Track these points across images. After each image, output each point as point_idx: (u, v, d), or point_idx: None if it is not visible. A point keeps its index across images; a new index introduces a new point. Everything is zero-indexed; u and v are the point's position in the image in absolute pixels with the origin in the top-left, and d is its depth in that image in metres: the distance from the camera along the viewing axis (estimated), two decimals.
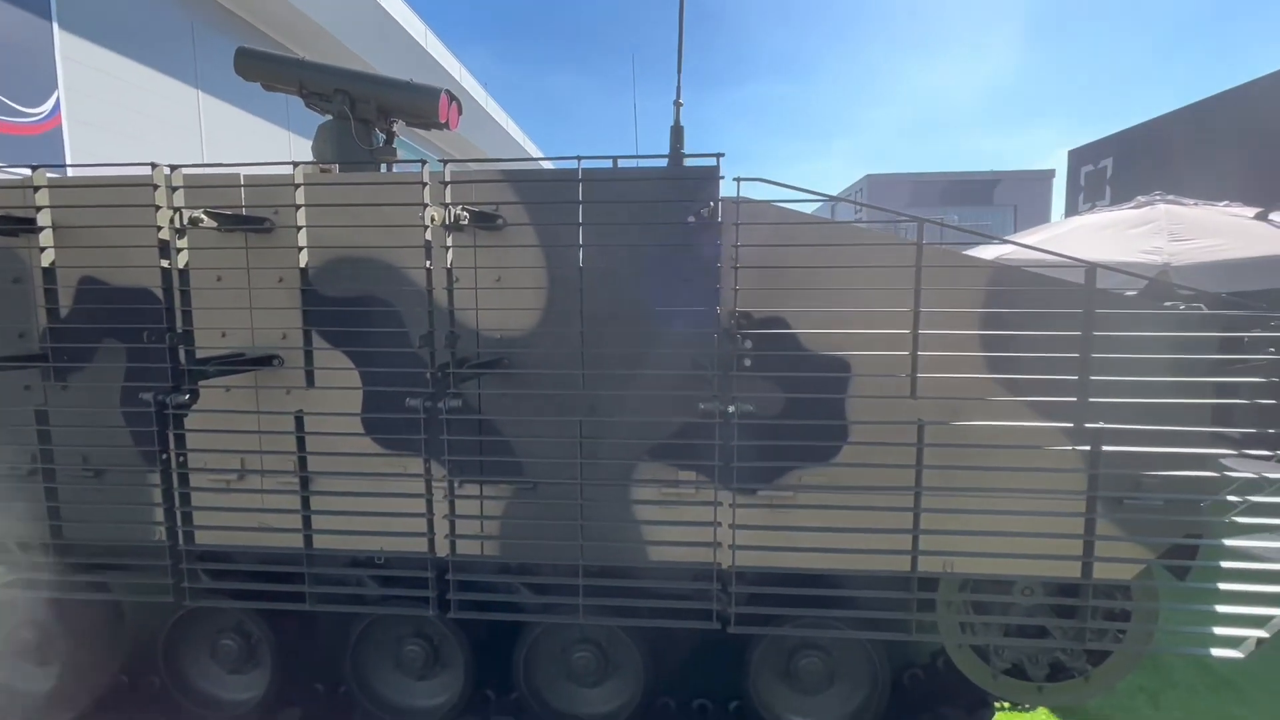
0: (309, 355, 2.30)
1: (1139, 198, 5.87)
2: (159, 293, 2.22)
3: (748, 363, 2.24)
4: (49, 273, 2.27)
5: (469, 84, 22.68)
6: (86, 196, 2.31)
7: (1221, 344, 2.06)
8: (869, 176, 26.72)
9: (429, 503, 2.14)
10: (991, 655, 2.48)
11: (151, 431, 2.07)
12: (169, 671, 2.75)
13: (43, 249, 2.25)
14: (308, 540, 2.28)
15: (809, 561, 2.19)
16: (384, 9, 15.64)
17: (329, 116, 3.11)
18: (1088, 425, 2.07)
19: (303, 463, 2.28)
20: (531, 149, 28.53)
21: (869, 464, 2.16)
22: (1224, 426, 2.16)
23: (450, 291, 2.11)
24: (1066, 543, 2.14)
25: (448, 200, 2.03)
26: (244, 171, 2.38)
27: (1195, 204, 5.42)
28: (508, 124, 25.99)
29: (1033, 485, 2.11)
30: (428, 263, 2.05)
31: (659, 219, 2.13)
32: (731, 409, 1.95)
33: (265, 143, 14.07)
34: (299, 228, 2.24)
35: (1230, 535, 2.09)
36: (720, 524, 2.04)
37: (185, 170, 2.25)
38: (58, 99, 12.18)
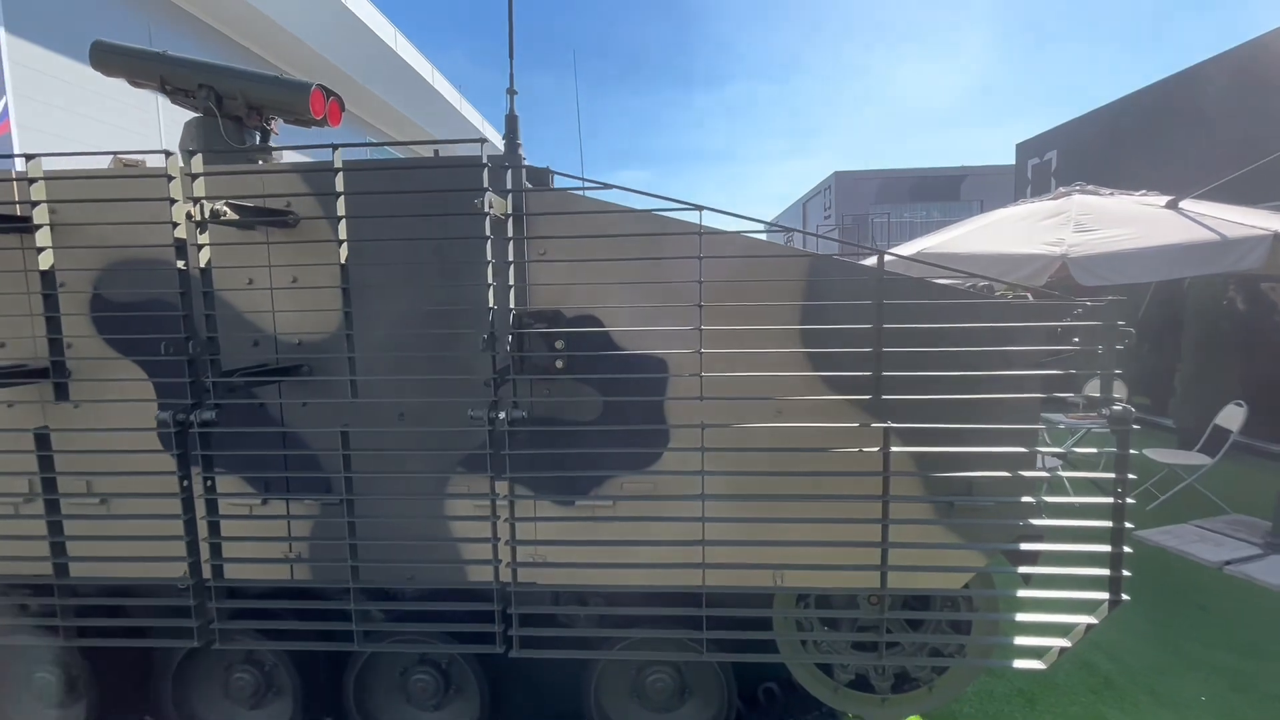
0: None
1: (1060, 189, 5.74)
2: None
3: (559, 364, 2.05)
4: (47, 276, 1.97)
5: (441, 86, 22.35)
6: (91, 190, 2.05)
7: (1037, 334, 1.87)
8: (837, 174, 26.28)
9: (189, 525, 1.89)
10: (835, 669, 2.31)
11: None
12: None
13: (40, 249, 1.95)
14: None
15: (612, 579, 1.99)
16: (350, 11, 15.31)
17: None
18: (892, 425, 1.89)
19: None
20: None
21: (679, 471, 1.96)
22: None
23: (207, 294, 1.87)
24: (899, 551, 1.96)
25: (198, 194, 1.81)
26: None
27: (1111, 193, 5.29)
28: (484, 126, 25.68)
29: (858, 490, 1.92)
30: (180, 263, 1.83)
31: (435, 210, 1.91)
32: (503, 414, 1.75)
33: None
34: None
35: (1059, 539, 1.92)
36: (500, 539, 1.82)
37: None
38: (5, 104, 11.84)
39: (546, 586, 2.06)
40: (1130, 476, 1.71)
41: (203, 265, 1.83)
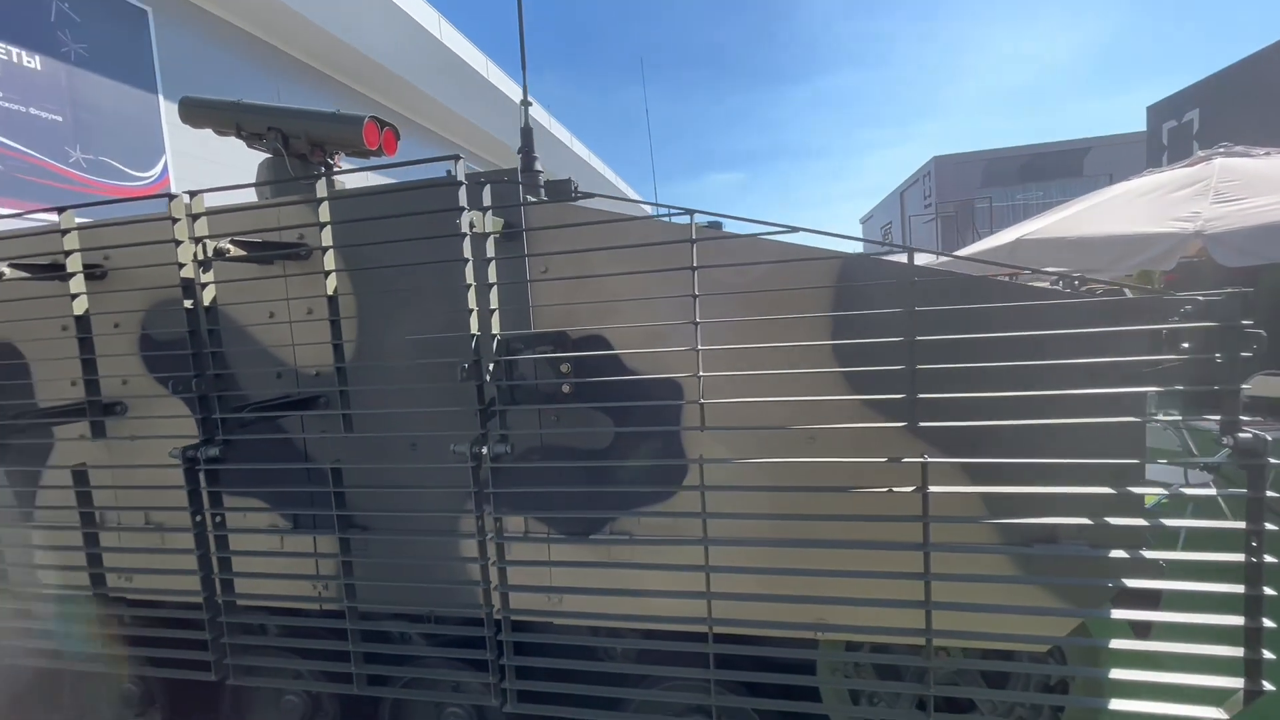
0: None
1: (1198, 153, 4.83)
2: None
3: (566, 389, 1.86)
4: (82, 320, 2.05)
5: (534, 111, 23.12)
6: (118, 236, 2.15)
7: (1134, 341, 1.44)
8: (936, 159, 24.08)
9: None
10: None
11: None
12: None
13: (74, 296, 2.03)
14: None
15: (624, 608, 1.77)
16: (446, 46, 16.30)
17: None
18: (930, 459, 1.52)
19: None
20: (596, 164, 28.79)
21: (686, 513, 1.70)
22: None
23: (213, 332, 1.85)
24: (969, 597, 1.59)
25: (197, 234, 1.81)
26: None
27: (1266, 153, 4.36)
28: (572, 143, 26.34)
29: (900, 535, 1.57)
30: (188, 301, 1.83)
31: (422, 233, 1.78)
32: (484, 450, 1.58)
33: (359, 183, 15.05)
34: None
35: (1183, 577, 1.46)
36: (491, 581, 1.65)
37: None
38: (165, 163, 13.55)
39: (538, 636, 1.85)
40: (1269, 527, 1.26)
41: (207, 303, 1.83)
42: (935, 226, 19.68)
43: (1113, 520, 1.43)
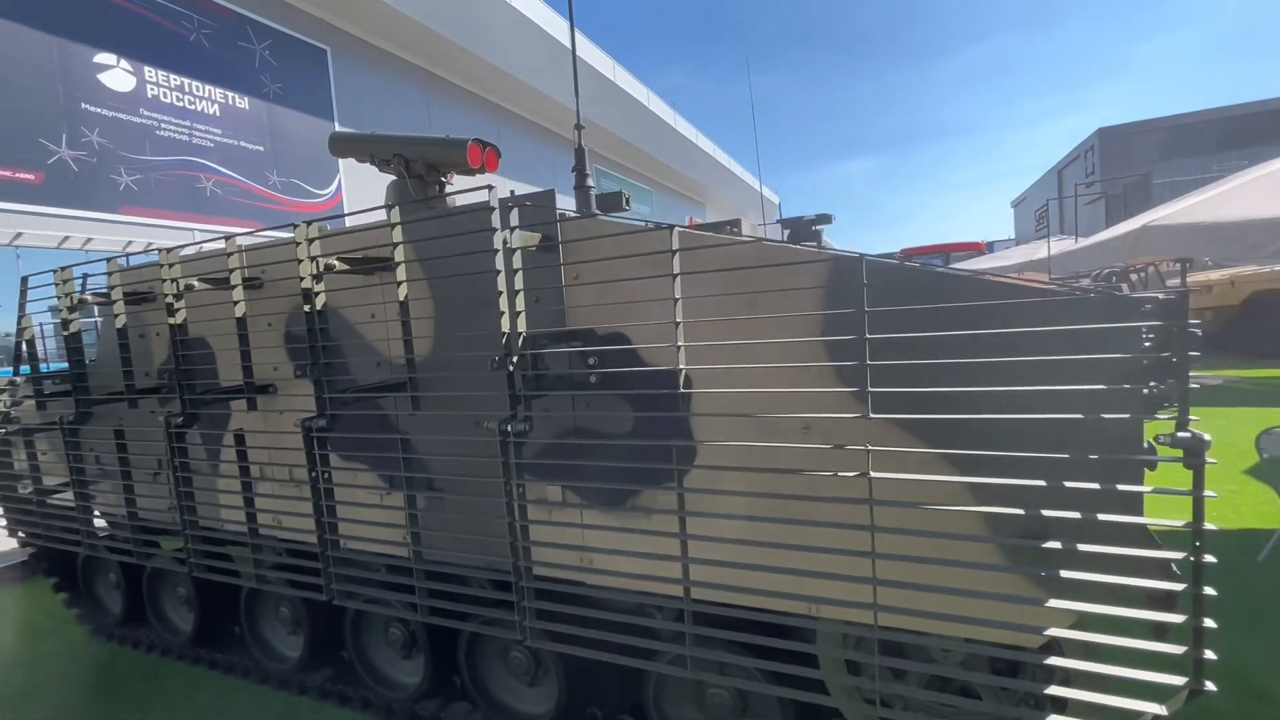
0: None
1: None
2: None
3: (593, 379, 2.17)
4: (241, 320, 2.64)
5: (657, 107, 23.72)
6: (266, 256, 2.76)
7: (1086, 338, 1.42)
8: (1101, 131, 20.94)
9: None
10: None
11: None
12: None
13: (235, 302, 2.63)
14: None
15: (621, 583, 2.04)
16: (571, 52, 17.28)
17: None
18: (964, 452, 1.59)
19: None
20: (720, 157, 28.72)
21: (703, 489, 1.92)
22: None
23: (324, 330, 2.38)
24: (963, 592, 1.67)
25: (314, 254, 2.34)
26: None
27: None
28: (698, 139, 26.56)
29: (899, 522, 1.69)
30: (306, 306, 2.36)
31: (469, 249, 2.14)
32: (509, 428, 1.92)
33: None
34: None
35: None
36: (520, 539, 2.00)
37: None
38: (339, 181, 15.72)
39: (559, 582, 2.17)
40: (1208, 527, 1.23)
41: (320, 307, 2.36)
42: (1099, 207, 17.34)
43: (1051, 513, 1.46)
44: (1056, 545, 1.46)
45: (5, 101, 11.64)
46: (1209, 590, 1.30)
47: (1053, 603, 1.47)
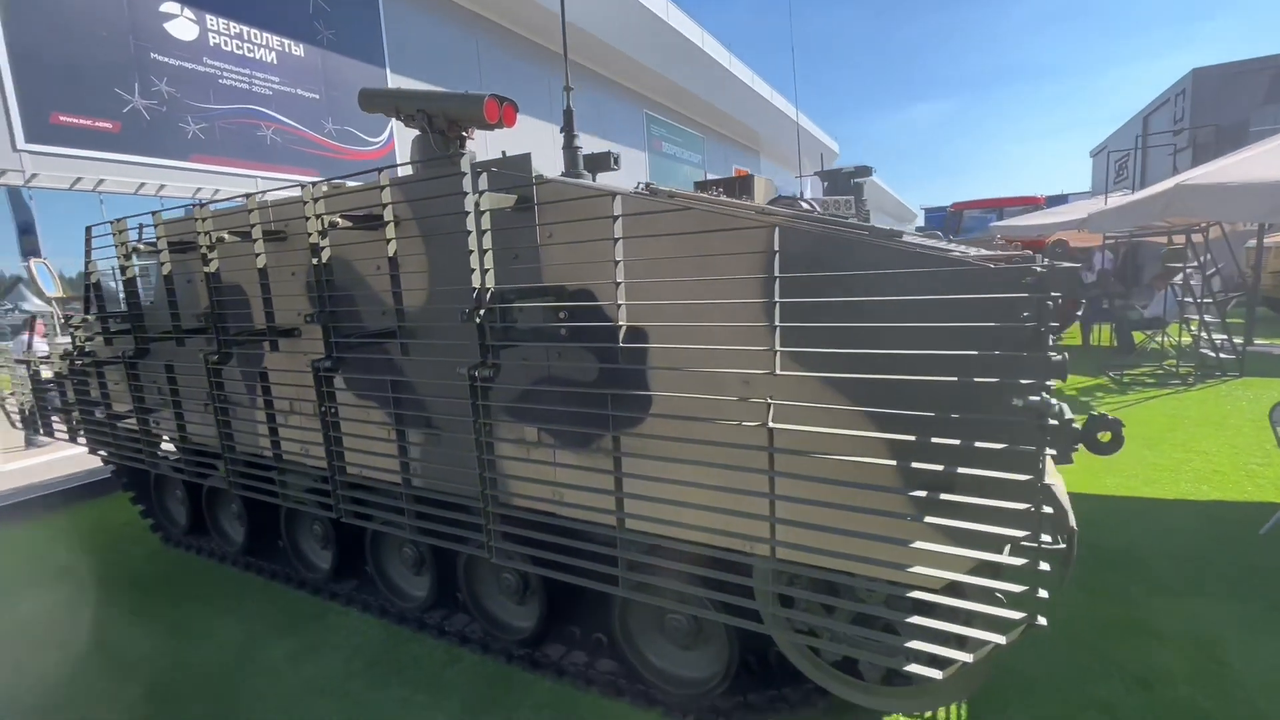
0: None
1: None
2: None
3: (563, 332, 2.38)
4: (263, 271, 2.95)
5: (712, 47, 22.92)
6: (286, 212, 3.07)
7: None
8: (1195, 72, 18.76)
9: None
10: (822, 649, 2.25)
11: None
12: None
13: (258, 255, 2.91)
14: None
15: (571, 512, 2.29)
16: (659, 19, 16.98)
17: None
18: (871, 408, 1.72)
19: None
20: (778, 102, 27.66)
21: (657, 436, 2.11)
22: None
23: (329, 281, 2.66)
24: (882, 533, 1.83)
25: (319, 212, 2.59)
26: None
27: None
28: (754, 82, 25.61)
29: (816, 471, 1.85)
30: (314, 259, 2.64)
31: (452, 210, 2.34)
32: (477, 373, 2.16)
33: (546, 142, 16.67)
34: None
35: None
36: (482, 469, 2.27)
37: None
38: (391, 129, 16.10)
39: (518, 509, 2.44)
40: (1049, 483, 1.34)
41: (326, 260, 2.64)
42: (1183, 157, 15.87)
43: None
44: (938, 495, 1.60)
45: (83, 52, 12.38)
46: (1045, 538, 1.43)
47: (937, 548, 1.62)
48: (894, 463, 1.64)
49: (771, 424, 1.75)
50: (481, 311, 2.17)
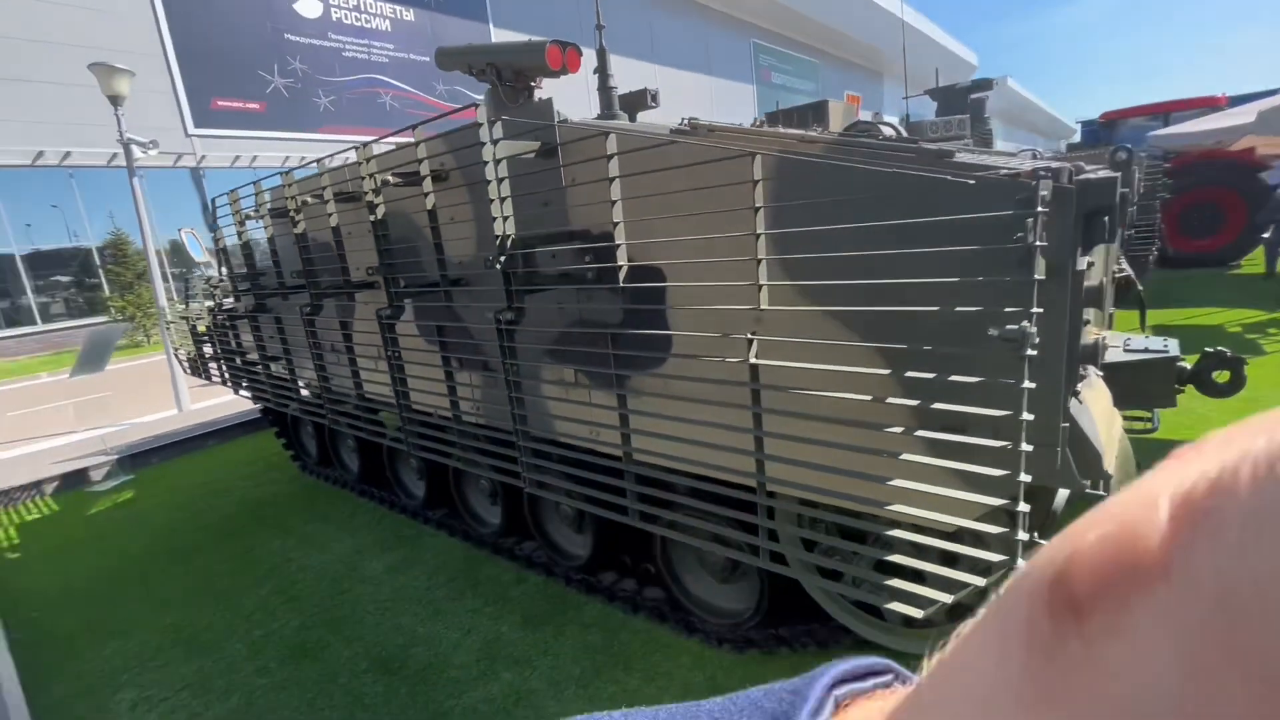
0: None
1: None
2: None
3: (589, 276, 2.43)
4: (336, 230, 3.63)
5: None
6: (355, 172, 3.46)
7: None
8: None
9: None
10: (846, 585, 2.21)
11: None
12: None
13: (329, 214, 3.51)
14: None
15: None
16: None
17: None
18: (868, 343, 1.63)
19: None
20: (901, 12, 25.12)
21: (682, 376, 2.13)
22: None
23: (384, 235, 2.89)
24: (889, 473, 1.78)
25: (370, 171, 2.80)
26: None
27: None
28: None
29: (832, 411, 1.79)
30: (371, 216, 2.88)
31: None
32: (503, 317, 2.28)
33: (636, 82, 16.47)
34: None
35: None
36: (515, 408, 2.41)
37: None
38: None
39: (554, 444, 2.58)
40: (1026, 416, 1.19)
41: (379, 216, 2.87)
42: None
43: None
44: (914, 433, 1.51)
45: (232, 42, 13.79)
46: (1025, 477, 1.30)
47: (918, 486, 1.54)
48: (870, 399, 1.55)
49: (753, 359, 1.72)
50: (503, 258, 2.28)
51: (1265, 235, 8.87)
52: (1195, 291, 8.58)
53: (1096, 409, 1.79)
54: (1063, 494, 1.90)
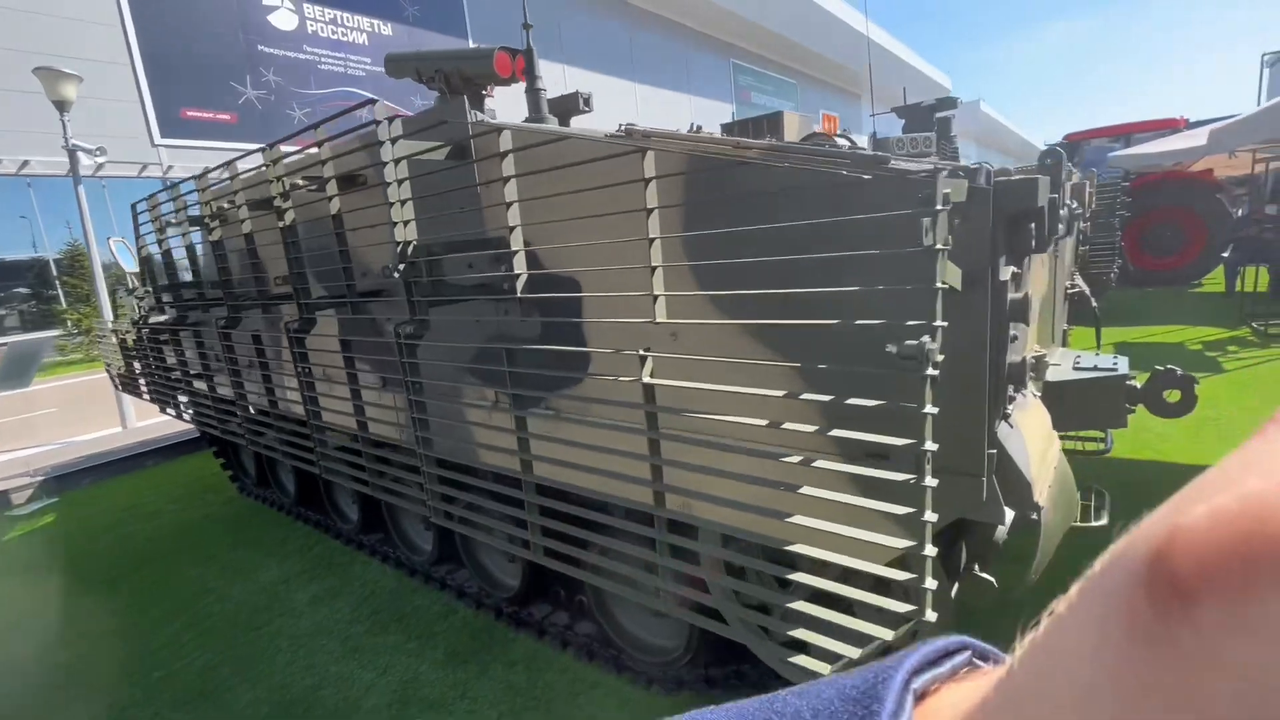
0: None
1: None
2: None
3: (506, 285, 2.24)
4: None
5: (853, 20, 21.53)
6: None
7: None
8: None
9: None
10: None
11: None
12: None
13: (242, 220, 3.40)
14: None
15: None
16: None
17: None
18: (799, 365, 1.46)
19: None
20: (879, 38, 25.58)
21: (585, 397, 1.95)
22: None
23: (293, 243, 2.69)
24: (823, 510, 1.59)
25: (277, 174, 2.60)
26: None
27: None
28: (849, 18, 23.67)
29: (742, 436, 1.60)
30: (280, 223, 2.67)
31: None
32: (404, 330, 2.08)
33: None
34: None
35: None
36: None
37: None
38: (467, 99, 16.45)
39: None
40: (928, 446, 1.02)
41: (288, 223, 2.66)
42: None
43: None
44: (811, 463, 1.32)
45: (204, 50, 13.55)
46: (930, 516, 1.12)
47: (814, 523, 1.35)
48: (766, 424, 1.37)
49: (647, 379, 1.53)
50: (402, 266, 2.09)
51: (1225, 254, 8.93)
52: (1157, 309, 8.61)
53: (1030, 433, 1.62)
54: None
